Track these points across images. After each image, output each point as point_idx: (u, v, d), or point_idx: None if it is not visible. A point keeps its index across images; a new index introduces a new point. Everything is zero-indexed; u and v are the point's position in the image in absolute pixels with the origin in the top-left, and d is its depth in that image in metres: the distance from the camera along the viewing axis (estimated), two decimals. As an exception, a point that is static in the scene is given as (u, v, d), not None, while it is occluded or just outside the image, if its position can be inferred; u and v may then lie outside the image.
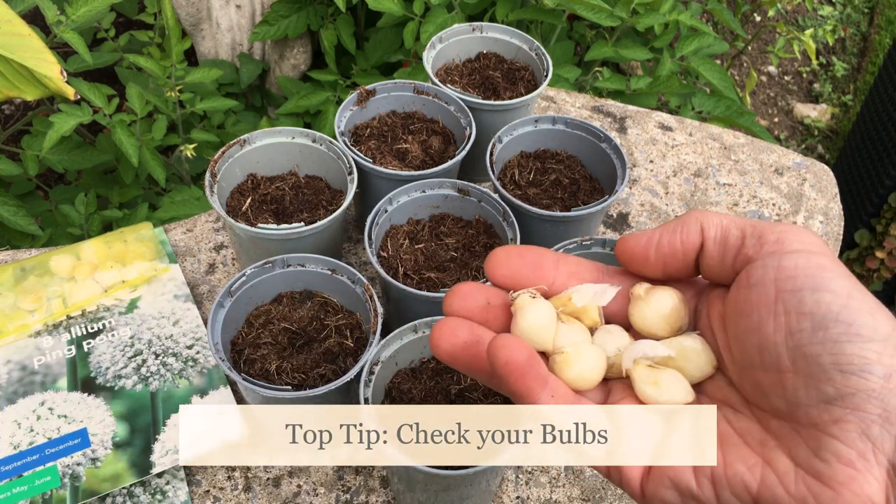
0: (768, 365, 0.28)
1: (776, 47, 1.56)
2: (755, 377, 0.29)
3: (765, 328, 0.28)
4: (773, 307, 0.28)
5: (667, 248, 0.32)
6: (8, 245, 1.06)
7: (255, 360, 0.57)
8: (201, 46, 1.50)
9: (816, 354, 0.27)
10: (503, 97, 0.78)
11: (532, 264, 0.34)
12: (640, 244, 0.33)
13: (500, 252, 0.34)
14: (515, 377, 0.30)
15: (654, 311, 0.33)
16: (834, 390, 0.26)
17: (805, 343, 0.27)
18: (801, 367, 0.27)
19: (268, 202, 0.69)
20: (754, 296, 0.29)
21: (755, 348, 0.29)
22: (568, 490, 0.61)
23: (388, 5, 1.15)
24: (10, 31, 0.76)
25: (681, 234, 0.32)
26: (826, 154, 2.14)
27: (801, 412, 0.28)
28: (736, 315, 0.30)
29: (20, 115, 1.67)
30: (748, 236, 0.30)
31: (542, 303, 0.33)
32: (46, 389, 0.62)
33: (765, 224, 0.30)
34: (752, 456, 0.29)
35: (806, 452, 0.27)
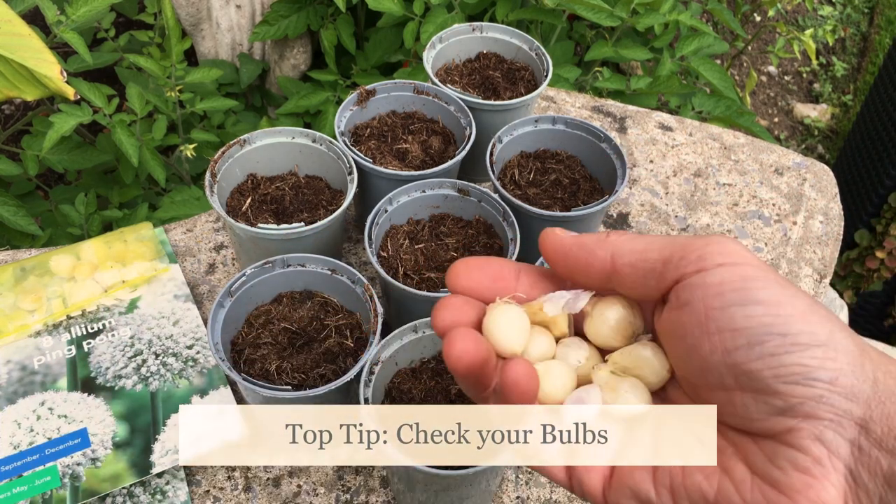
0: (713, 385, 0.28)
1: (776, 47, 1.57)
2: (704, 395, 0.29)
3: (701, 349, 0.28)
4: (705, 327, 0.28)
5: (573, 261, 0.32)
6: (8, 245, 1.06)
7: (255, 360, 0.57)
8: (201, 46, 1.50)
9: (757, 370, 0.26)
10: (503, 97, 0.78)
11: (493, 276, 0.34)
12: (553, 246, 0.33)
13: (459, 265, 0.34)
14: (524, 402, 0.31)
15: (603, 323, 0.33)
16: (783, 402, 0.26)
17: (743, 361, 0.27)
18: (745, 384, 0.27)
19: (268, 202, 0.69)
20: (685, 317, 0.28)
21: (697, 369, 0.29)
22: (568, 490, 0.61)
23: (388, 5, 1.15)
24: (10, 31, 0.76)
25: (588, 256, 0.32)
26: (826, 154, 2.14)
27: (755, 425, 0.27)
28: (672, 337, 0.30)
29: (20, 115, 1.67)
30: (669, 259, 0.29)
31: (515, 310, 0.33)
32: (46, 389, 0.62)
33: (687, 241, 0.30)
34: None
35: (762, 460, 0.27)
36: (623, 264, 0.31)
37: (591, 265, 0.31)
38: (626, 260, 0.30)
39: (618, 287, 0.32)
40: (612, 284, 0.32)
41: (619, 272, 0.31)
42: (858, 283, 1.63)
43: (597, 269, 0.31)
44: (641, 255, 0.30)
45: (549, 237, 0.33)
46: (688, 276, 0.29)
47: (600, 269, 0.31)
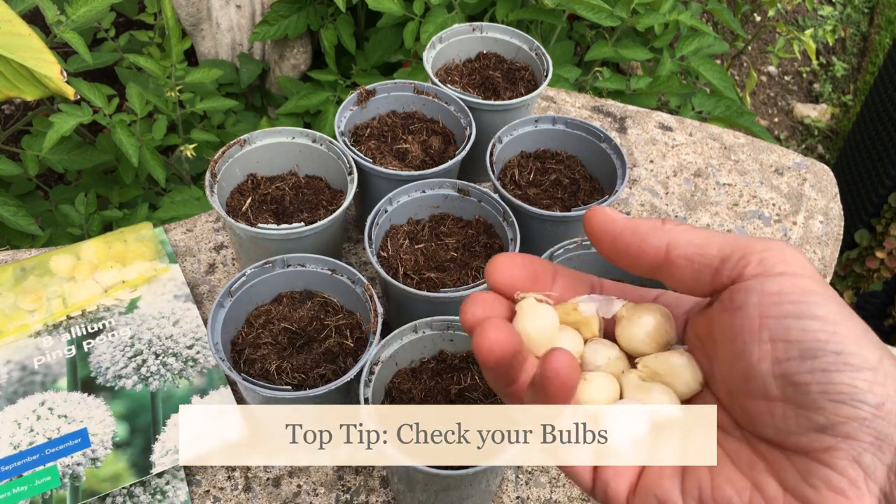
0: (756, 393, 0.28)
1: (776, 47, 1.57)
2: (743, 403, 0.29)
3: (749, 356, 0.28)
4: (758, 334, 0.27)
5: (622, 245, 0.31)
6: (8, 245, 1.06)
7: (255, 360, 0.57)
8: (201, 46, 1.50)
9: (805, 384, 0.26)
10: (503, 97, 0.78)
11: (532, 275, 0.34)
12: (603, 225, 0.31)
13: (502, 259, 0.33)
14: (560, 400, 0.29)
15: (639, 328, 0.33)
16: (825, 419, 0.26)
17: (793, 372, 0.27)
18: (790, 395, 0.27)
19: (268, 202, 0.69)
20: (738, 321, 0.28)
21: (741, 375, 0.28)
22: (568, 490, 0.61)
23: (388, 5, 1.15)
24: (10, 31, 0.76)
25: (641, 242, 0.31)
26: (826, 154, 2.14)
27: (791, 440, 0.27)
28: (720, 340, 0.29)
29: (20, 115, 1.67)
30: (728, 257, 0.29)
31: (546, 309, 0.33)
32: (46, 389, 0.62)
33: (747, 242, 0.29)
34: (740, 479, 0.29)
35: (795, 478, 0.27)
36: (678, 256, 0.30)
37: (642, 252, 0.30)
38: (683, 252, 0.30)
39: (666, 279, 0.31)
40: (660, 275, 0.31)
41: (674, 263, 0.30)
42: (858, 283, 1.63)
43: (648, 258, 0.30)
44: (699, 250, 0.29)
45: (598, 216, 0.32)
46: (746, 279, 0.28)
47: (652, 258, 0.30)
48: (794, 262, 0.28)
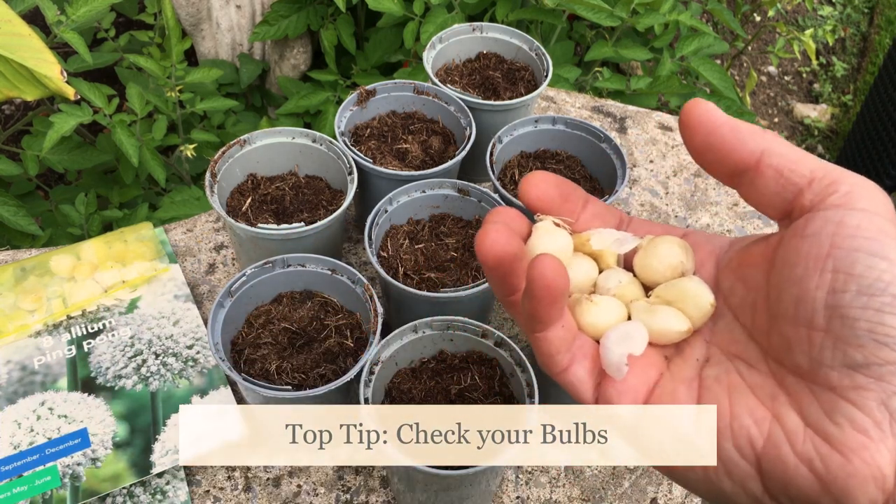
0: (801, 319, 0.27)
1: (776, 47, 1.57)
2: (784, 330, 0.28)
3: (808, 281, 0.27)
4: (823, 262, 0.27)
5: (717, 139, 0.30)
6: (8, 245, 1.06)
7: (255, 360, 0.57)
8: (201, 46, 1.50)
9: (854, 318, 0.26)
10: (503, 97, 0.79)
11: (564, 196, 0.34)
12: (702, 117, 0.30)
13: (537, 175, 0.34)
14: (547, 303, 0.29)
15: (654, 258, 0.33)
16: (862, 357, 0.26)
17: (845, 305, 0.26)
18: (834, 327, 0.26)
19: (268, 202, 0.69)
20: (806, 246, 0.28)
21: (792, 300, 0.28)
22: (568, 490, 0.61)
23: (388, 5, 1.15)
24: (10, 31, 0.76)
25: (737, 142, 0.30)
26: (826, 154, 2.15)
27: (821, 373, 0.27)
28: (782, 263, 0.29)
29: (20, 115, 1.67)
30: (818, 180, 0.28)
31: (562, 233, 0.33)
32: (46, 389, 0.62)
33: (839, 172, 0.28)
34: (760, 408, 0.28)
35: (818, 413, 0.27)
36: (769, 165, 0.29)
37: (735, 152, 0.30)
38: (776, 162, 0.29)
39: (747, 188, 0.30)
40: (742, 181, 0.31)
41: (763, 172, 0.29)
42: (858, 283, 1.63)
43: (738, 159, 0.30)
44: (792, 165, 0.29)
45: (698, 108, 0.31)
46: (827, 208, 0.28)
47: (742, 161, 0.30)
48: (880, 203, 0.28)
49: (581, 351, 0.32)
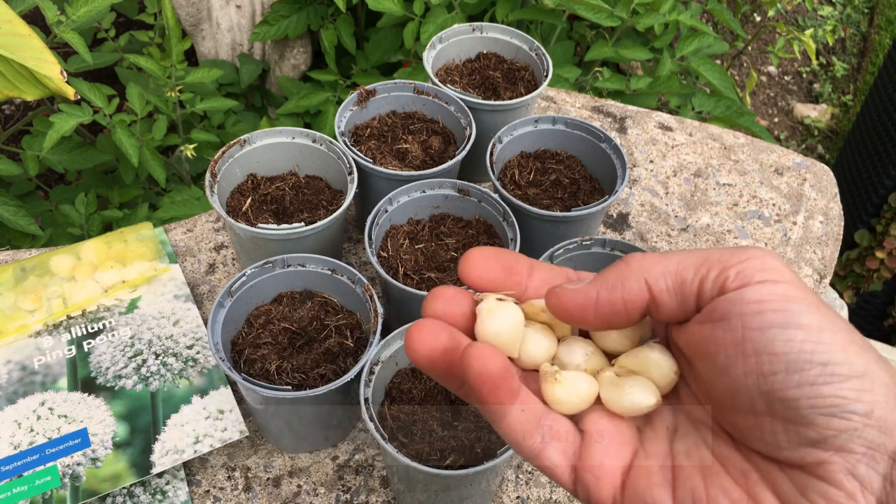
0: (742, 409, 0.27)
1: (776, 47, 1.56)
2: (730, 418, 0.28)
3: (734, 370, 0.27)
4: (742, 347, 0.27)
5: (606, 307, 0.30)
6: (8, 245, 1.06)
7: (256, 360, 0.57)
8: (201, 46, 1.50)
9: (794, 399, 0.26)
10: (503, 97, 0.79)
11: (507, 269, 0.33)
12: (575, 303, 0.30)
13: (475, 253, 0.32)
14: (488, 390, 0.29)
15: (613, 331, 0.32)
16: (816, 434, 0.26)
17: (780, 388, 0.26)
18: (778, 411, 0.26)
19: (268, 202, 0.69)
20: (720, 334, 0.27)
21: (726, 391, 0.28)
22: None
23: (388, 5, 1.15)
24: (11, 31, 0.76)
25: (622, 292, 0.29)
26: (826, 154, 2.14)
27: (783, 454, 0.27)
28: (702, 354, 0.29)
29: (20, 115, 1.67)
30: (707, 277, 0.28)
31: (509, 307, 0.32)
32: (46, 389, 0.62)
33: (722, 255, 0.28)
34: (736, 489, 0.28)
35: (792, 491, 0.26)
36: (660, 291, 0.29)
37: (628, 303, 0.29)
38: (663, 285, 0.29)
39: (654, 316, 0.30)
40: (647, 315, 0.30)
41: (658, 300, 0.29)
42: (858, 283, 1.63)
43: (635, 305, 0.29)
44: (677, 276, 0.29)
45: (562, 296, 0.30)
46: (726, 291, 0.27)
47: (639, 304, 0.29)
48: (773, 269, 0.27)
49: (551, 432, 0.31)
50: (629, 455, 0.31)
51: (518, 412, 0.30)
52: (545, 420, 0.31)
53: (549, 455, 0.31)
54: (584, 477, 0.31)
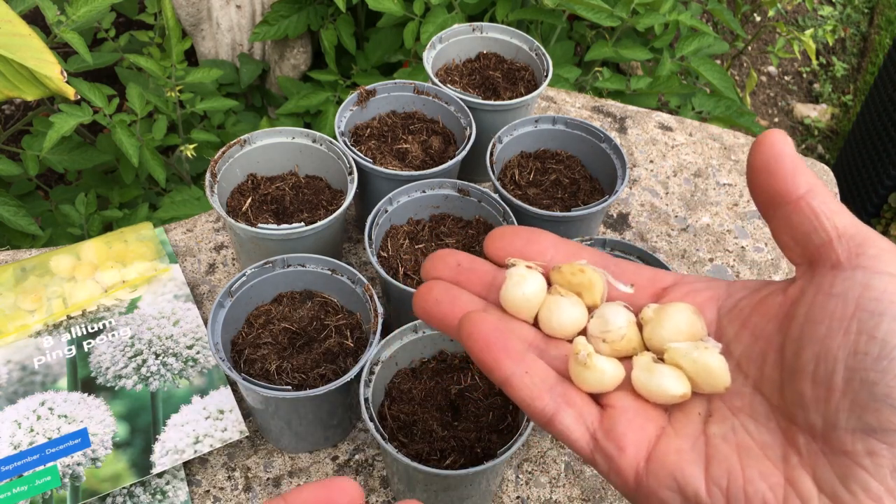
0: (819, 378, 0.27)
1: (776, 47, 1.57)
2: (799, 387, 0.28)
3: (830, 340, 0.27)
4: (848, 323, 0.27)
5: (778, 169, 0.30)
6: (8, 245, 1.06)
7: (256, 360, 0.57)
8: (201, 46, 1.50)
9: (873, 382, 0.26)
10: (503, 97, 0.79)
11: (525, 240, 0.35)
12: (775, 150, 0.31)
13: (498, 229, 0.35)
14: (482, 350, 0.30)
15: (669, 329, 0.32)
16: (877, 422, 0.26)
17: (866, 367, 0.26)
18: (852, 389, 0.26)
19: (268, 202, 0.69)
20: (831, 305, 0.28)
21: (812, 357, 0.28)
22: (568, 490, 0.61)
23: (388, 5, 1.15)
24: (11, 31, 0.76)
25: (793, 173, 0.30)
26: (826, 154, 2.14)
27: (835, 435, 0.27)
28: (805, 319, 0.29)
29: (20, 115, 1.67)
30: (847, 237, 0.29)
31: (534, 274, 0.33)
32: (46, 389, 0.62)
33: (871, 234, 0.29)
34: (773, 472, 0.28)
35: (832, 478, 0.27)
36: (809, 205, 0.29)
37: (785, 179, 0.30)
38: (816, 204, 0.29)
39: (781, 222, 0.31)
40: (778, 215, 0.31)
41: (801, 210, 0.30)
42: (858, 283, 1.63)
43: (784, 188, 0.30)
44: (830, 213, 0.29)
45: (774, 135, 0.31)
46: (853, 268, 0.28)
47: (787, 191, 0.30)
48: None
49: (566, 398, 0.31)
50: (655, 431, 0.31)
51: (521, 374, 0.31)
52: (558, 388, 0.31)
53: (563, 419, 0.31)
54: (606, 445, 0.30)
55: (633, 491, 0.30)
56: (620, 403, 0.31)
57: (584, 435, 0.31)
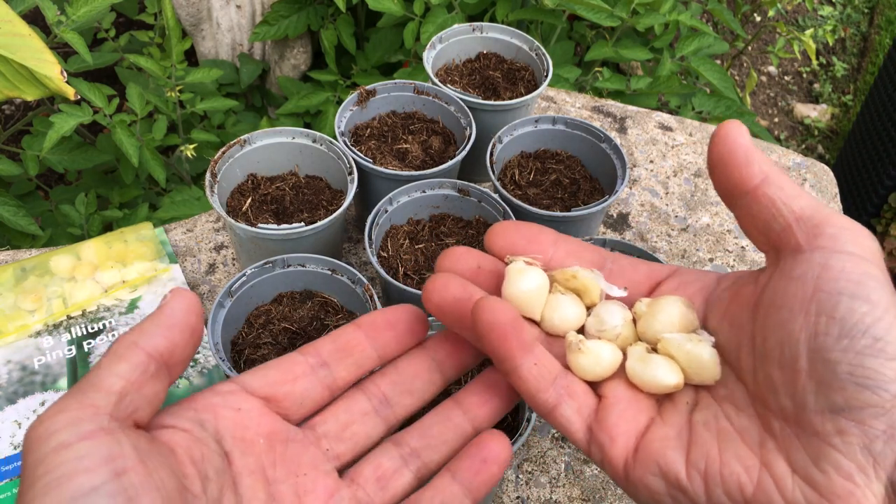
0: (785, 362, 0.28)
1: (776, 47, 1.57)
2: (769, 371, 0.29)
3: (792, 324, 0.28)
4: (807, 305, 0.27)
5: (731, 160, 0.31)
6: (8, 245, 1.06)
7: (256, 360, 0.57)
8: (201, 46, 1.50)
9: (835, 362, 0.26)
10: (503, 97, 0.79)
11: (528, 237, 0.35)
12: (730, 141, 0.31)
13: (499, 225, 0.35)
14: (497, 339, 0.30)
15: (662, 322, 0.32)
16: (843, 401, 0.26)
17: (827, 348, 0.27)
18: (816, 370, 0.27)
19: (268, 202, 0.69)
20: (792, 288, 0.28)
21: (777, 342, 0.28)
22: (568, 490, 0.61)
23: (389, 5, 1.15)
24: (11, 31, 0.76)
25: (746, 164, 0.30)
26: (826, 154, 2.15)
27: (805, 416, 0.27)
28: (769, 304, 0.29)
29: (20, 115, 1.67)
30: (807, 218, 0.29)
31: (534, 270, 0.33)
32: (47, 389, 0.62)
33: (829, 214, 0.29)
34: (749, 455, 0.28)
35: (804, 460, 0.27)
36: (765, 194, 0.30)
37: (740, 169, 0.30)
38: (772, 192, 0.30)
39: (744, 212, 0.31)
40: (740, 205, 0.31)
41: (759, 199, 0.30)
42: (858, 283, 1.63)
43: (740, 179, 0.31)
44: (786, 198, 0.30)
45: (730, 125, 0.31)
46: (813, 250, 0.28)
47: (743, 181, 0.30)
48: (866, 246, 0.28)
49: (568, 390, 0.32)
50: (645, 421, 0.32)
51: (530, 365, 0.31)
52: (562, 380, 0.32)
53: (564, 411, 0.32)
54: (599, 437, 0.31)
55: (623, 479, 0.31)
56: (613, 394, 0.32)
57: (581, 426, 0.32)
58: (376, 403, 0.34)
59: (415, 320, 0.35)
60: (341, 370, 0.34)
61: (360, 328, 0.35)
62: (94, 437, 0.25)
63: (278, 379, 0.34)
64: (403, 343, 0.35)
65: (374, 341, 0.34)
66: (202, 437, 0.30)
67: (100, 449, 0.25)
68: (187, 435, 0.29)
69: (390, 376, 0.35)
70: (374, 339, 0.34)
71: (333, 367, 0.34)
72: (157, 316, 0.31)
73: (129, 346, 0.29)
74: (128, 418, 0.27)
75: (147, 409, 0.29)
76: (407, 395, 0.35)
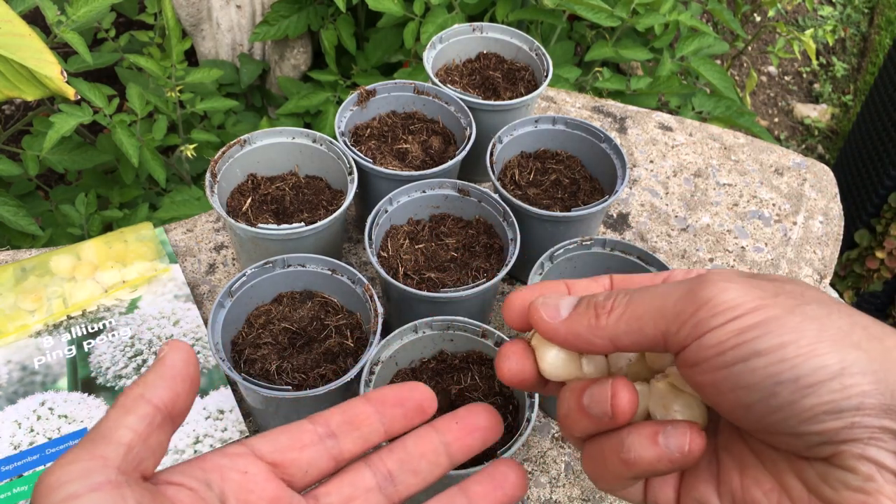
0: (750, 430, 0.29)
1: (776, 47, 1.57)
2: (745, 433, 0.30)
3: (722, 407, 0.28)
4: (719, 387, 0.28)
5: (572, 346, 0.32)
6: (8, 245, 1.06)
7: (256, 360, 0.57)
8: (201, 46, 1.50)
9: (783, 420, 0.27)
10: (503, 97, 0.79)
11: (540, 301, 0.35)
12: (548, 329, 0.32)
13: (511, 297, 0.35)
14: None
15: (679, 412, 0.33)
16: (819, 438, 0.27)
17: (764, 414, 0.27)
18: (778, 429, 0.27)
19: (268, 202, 0.69)
20: (699, 377, 0.29)
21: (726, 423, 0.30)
22: (568, 490, 0.61)
23: (389, 5, 1.15)
24: (11, 31, 0.76)
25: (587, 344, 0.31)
26: (826, 154, 2.15)
27: (801, 454, 0.28)
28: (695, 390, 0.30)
29: (20, 115, 1.67)
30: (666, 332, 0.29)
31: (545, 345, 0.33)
32: (47, 389, 0.62)
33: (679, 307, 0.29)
34: (768, 479, 0.29)
35: (816, 480, 0.28)
36: (625, 346, 0.31)
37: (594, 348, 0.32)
38: (627, 342, 0.30)
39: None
40: None
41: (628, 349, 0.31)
42: (858, 283, 1.63)
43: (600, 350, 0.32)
44: (639, 336, 0.30)
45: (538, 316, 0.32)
46: (688, 344, 0.29)
47: (603, 350, 0.32)
48: (727, 308, 0.28)
49: None
50: None
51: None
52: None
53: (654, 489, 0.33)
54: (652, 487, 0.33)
55: None
56: None
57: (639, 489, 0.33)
58: (381, 480, 0.35)
59: (424, 398, 0.36)
60: (348, 442, 0.35)
61: (370, 402, 0.36)
62: (101, 489, 0.27)
63: (287, 445, 0.34)
64: (411, 420, 0.36)
65: (383, 416, 0.35)
66: (207, 498, 0.30)
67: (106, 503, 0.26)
68: (193, 494, 0.30)
69: (397, 454, 0.36)
70: (382, 414, 0.35)
71: (341, 439, 0.35)
72: (159, 368, 0.32)
73: (136, 398, 0.30)
74: (134, 470, 0.29)
75: (152, 459, 0.30)
76: (412, 474, 0.36)
